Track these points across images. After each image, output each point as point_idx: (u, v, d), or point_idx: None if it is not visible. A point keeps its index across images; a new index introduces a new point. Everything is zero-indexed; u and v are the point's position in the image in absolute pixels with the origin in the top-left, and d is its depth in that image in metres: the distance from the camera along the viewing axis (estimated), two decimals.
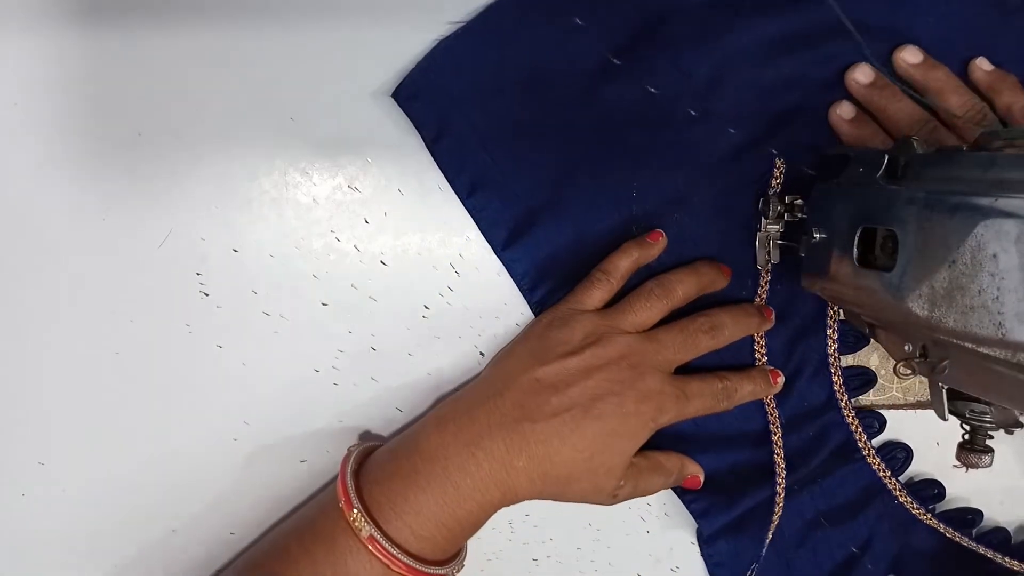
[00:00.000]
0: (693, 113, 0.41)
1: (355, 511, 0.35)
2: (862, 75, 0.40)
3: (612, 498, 0.39)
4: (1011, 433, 0.40)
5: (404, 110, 0.40)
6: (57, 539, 0.42)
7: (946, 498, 0.45)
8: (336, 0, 0.39)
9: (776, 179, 0.41)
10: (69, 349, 0.41)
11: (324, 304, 0.41)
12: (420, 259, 0.42)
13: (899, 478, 0.44)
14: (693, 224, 0.42)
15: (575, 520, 0.45)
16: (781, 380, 0.42)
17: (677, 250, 0.42)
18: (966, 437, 0.42)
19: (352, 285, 0.41)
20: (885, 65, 0.40)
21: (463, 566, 0.39)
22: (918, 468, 0.45)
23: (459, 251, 0.42)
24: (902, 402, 0.44)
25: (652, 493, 0.41)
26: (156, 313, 0.41)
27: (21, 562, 0.42)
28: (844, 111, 0.40)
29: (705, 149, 0.41)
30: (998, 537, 0.44)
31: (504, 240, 0.41)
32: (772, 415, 0.43)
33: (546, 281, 0.41)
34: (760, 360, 0.43)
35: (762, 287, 0.42)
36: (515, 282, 0.42)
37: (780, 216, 0.41)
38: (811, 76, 0.41)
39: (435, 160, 0.40)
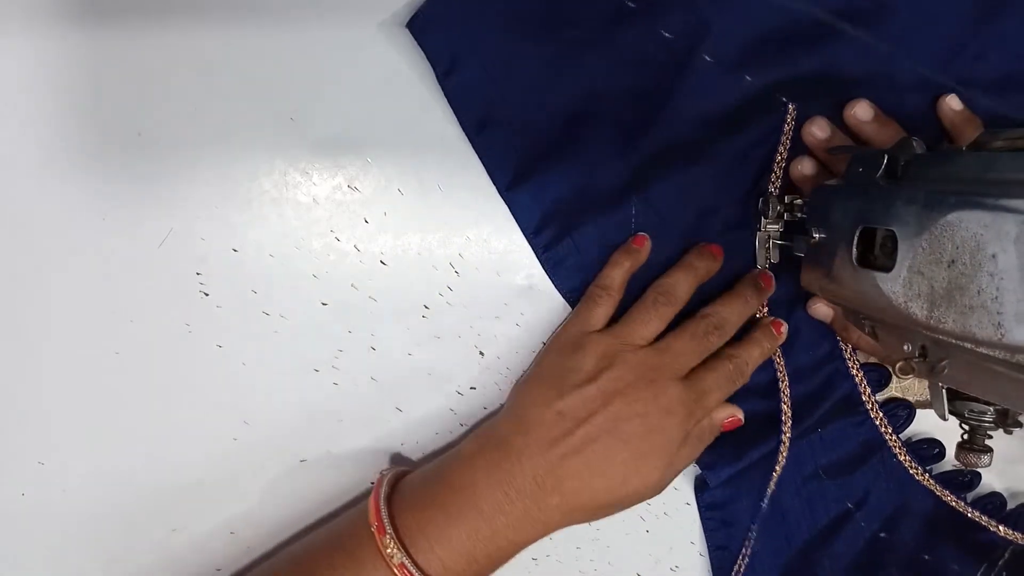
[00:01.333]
0: (708, 59, 0.40)
1: (387, 537, 0.35)
2: (819, 130, 0.40)
3: (657, 492, 0.39)
4: (1010, 433, 0.40)
5: (417, 41, 0.39)
6: (57, 539, 0.42)
7: (945, 458, 0.44)
8: (336, 0, 0.40)
9: (788, 124, 0.41)
10: (69, 349, 0.41)
11: (324, 304, 0.41)
12: (420, 259, 0.42)
13: (900, 435, 0.43)
14: (703, 173, 0.41)
15: None
16: (784, 329, 0.42)
17: (688, 200, 0.41)
18: (965, 437, 0.42)
19: (352, 285, 0.42)
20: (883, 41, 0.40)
21: None
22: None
23: (459, 251, 0.42)
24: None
25: (692, 462, 0.41)
26: (156, 313, 0.41)
27: (21, 562, 0.42)
28: (806, 167, 0.40)
29: (719, 96, 0.41)
30: (993, 502, 0.44)
31: (509, 181, 0.41)
32: (779, 363, 0.42)
33: (551, 225, 0.41)
34: (762, 312, 0.42)
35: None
36: (519, 225, 0.41)
37: (780, 216, 0.41)
38: (831, 29, 0.40)
39: (445, 94, 0.40)
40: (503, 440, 0.37)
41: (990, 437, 0.41)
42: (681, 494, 0.44)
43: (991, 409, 0.39)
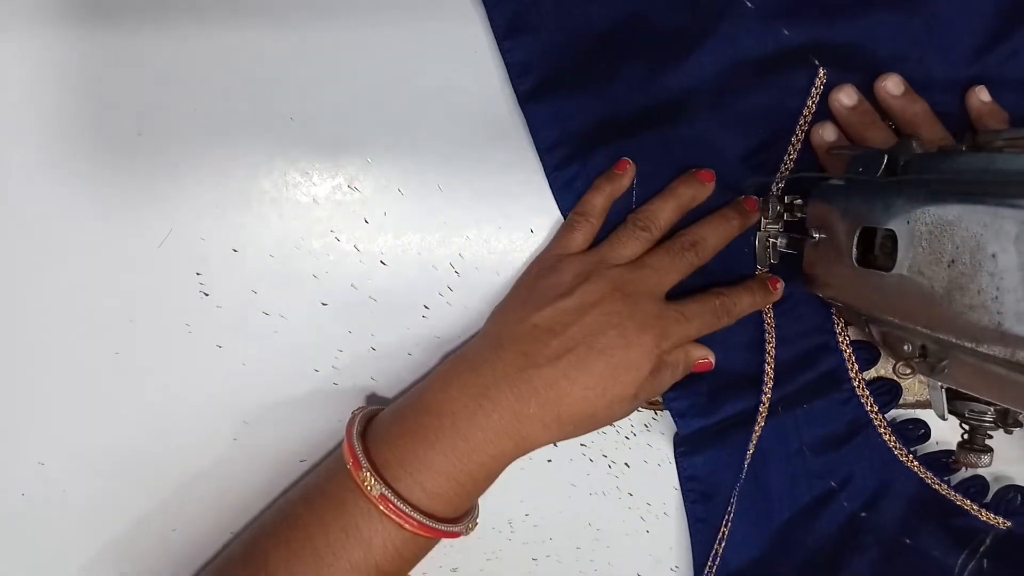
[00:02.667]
0: (749, 5, 0.40)
1: (364, 471, 0.35)
2: (846, 98, 0.40)
3: (627, 414, 0.39)
4: (1010, 432, 0.40)
5: None
6: (57, 539, 0.42)
7: (930, 439, 0.44)
8: (336, 1, 0.40)
9: (816, 88, 0.41)
10: (69, 349, 0.41)
11: (324, 304, 0.41)
12: (420, 259, 0.42)
13: (885, 415, 0.43)
14: (724, 120, 0.41)
15: (575, 520, 0.45)
16: (780, 286, 0.41)
17: (703, 147, 0.41)
18: (965, 437, 0.42)
19: (352, 285, 0.42)
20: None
21: (476, 524, 0.39)
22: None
23: (459, 251, 0.42)
24: (902, 401, 0.44)
25: (663, 391, 0.40)
26: (156, 313, 0.41)
27: (21, 562, 0.42)
28: (827, 133, 0.41)
29: (753, 45, 0.40)
30: (976, 486, 0.44)
31: (529, 92, 0.40)
32: (768, 324, 0.42)
33: (565, 145, 0.41)
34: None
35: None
36: (532, 138, 0.41)
37: (780, 216, 0.41)
38: (873, 2, 0.40)
39: None
40: (477, 356, 0.37)
41: (990, 437, 0.41)
42: (681, 494, 0.44)
43: (991, 409, 0.39)
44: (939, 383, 0.37)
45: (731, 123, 0.41)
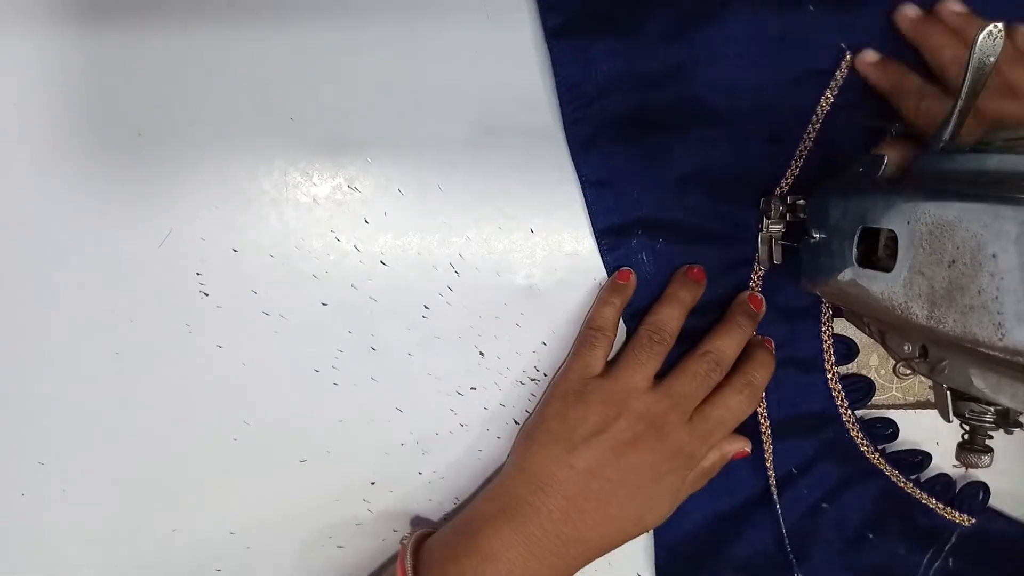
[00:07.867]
0: None
1: None
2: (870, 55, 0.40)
3: (664, 520, 0.41)
4: (1010, 433, 0.40)
5: None
6: (57, 539, 0.42)
7: (898, 438, 0.44)
8: (336, 1, 0.40)
9: (840, 71, 0.40)
10: (69, 349, 0.41)
11: (324, 304, 0.41)
12: (420, 259, 0.42)
13: (855, 411, 0.43)
14: (743, 90, 0.41)
15: None
16: (771, 350, 0.42)
17: (723, 112, 0.41)
18: (965, 437, 0.42)
19: (352, 285, 0.42)
20: None
21: None
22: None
23: (459, 251, 0.42)
24: (902, 402, 0.44)
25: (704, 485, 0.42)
26: (156, 313, 0.41)
27: (21, 562, 0.42)
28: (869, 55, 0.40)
29: (776, 16, 0.40)
30: (940, 483, 0.44)
31: (557, 28, 0.40)
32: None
33: (585, 86, 0.41)
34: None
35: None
36: (554, 73, 0.41)
37: (782, 216, 0.41)
38: None
39: None
40: (522, 501, 0.38)
41: (990, 437, 0.41)
42: None
43: (991, 409, 0.39)
44: (944, 385, 0.37)
45: (751, 93, 0.41)
